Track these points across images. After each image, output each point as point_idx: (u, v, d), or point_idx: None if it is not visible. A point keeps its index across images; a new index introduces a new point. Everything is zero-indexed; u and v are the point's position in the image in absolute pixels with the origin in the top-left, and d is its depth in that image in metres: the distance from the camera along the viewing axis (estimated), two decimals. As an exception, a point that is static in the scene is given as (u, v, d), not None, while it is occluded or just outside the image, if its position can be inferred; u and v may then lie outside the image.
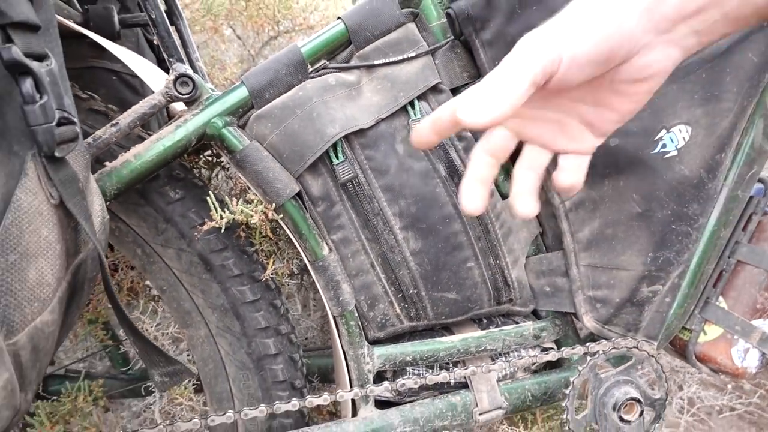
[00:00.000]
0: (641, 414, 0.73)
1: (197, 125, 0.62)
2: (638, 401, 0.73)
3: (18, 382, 0.38)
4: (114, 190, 0.60)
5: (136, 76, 0.85)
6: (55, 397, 0.80)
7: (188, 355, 0.93)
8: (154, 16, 0.57)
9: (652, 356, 0.74)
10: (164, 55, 0.59)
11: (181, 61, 0.59)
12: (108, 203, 0.59)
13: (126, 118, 0.58)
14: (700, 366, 0.81)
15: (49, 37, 0.42)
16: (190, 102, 0.62)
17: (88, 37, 0.67)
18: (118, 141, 0.60)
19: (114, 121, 0.57)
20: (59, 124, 0.41)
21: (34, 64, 0.38)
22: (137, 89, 0.86)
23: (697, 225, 0.72)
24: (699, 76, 0.68)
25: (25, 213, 0.38)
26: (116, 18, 0.76)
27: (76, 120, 0.43)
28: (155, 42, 0.91)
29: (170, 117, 0.82)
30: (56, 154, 0.42)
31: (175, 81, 0.59)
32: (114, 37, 0.76)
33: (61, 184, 0.43)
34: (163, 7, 0.78)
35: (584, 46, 0.34)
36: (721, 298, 0.78)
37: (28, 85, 0.38)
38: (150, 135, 0.66)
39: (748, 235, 0.77)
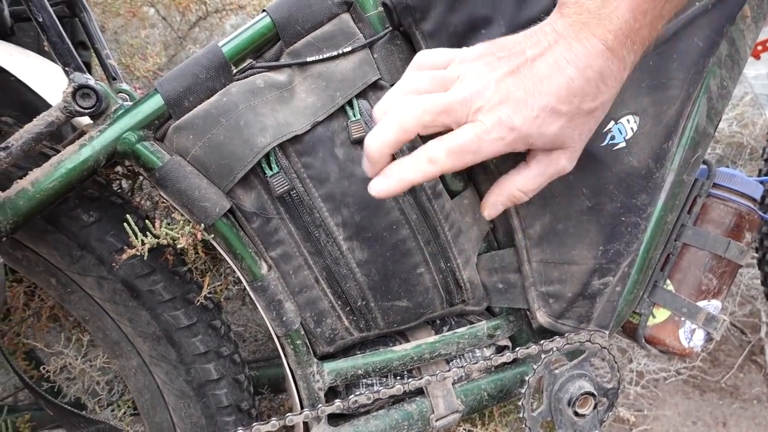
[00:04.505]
0: (595, 407, 0.73)
1: (105, 142, 0.54)
2: (592, 395, 0.73)
3: None
4: (10, 224, 0.52)
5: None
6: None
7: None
8: (41, 20, 0.48)
9: (605, 348, 0.74)
10: (59, 64, 0.51)
11: (79, 69, 0.51)
12: (3, 239, 0.52)
13: (18, 140, 0.49)
14: (649, 348, 0.81)
15: None
16: (96, 116, 0.54)
17: None
18: (16, 163, 0.52)
19: (3, 145, 0.49)
20: None
21: None
22: (42, 90, 0.76)
23: (646, 215, 0.71)
24: (646, 64, 0.65)
25: None
26: (7, 11, 0.66)
27: None
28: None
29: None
30: None
31: (74, 93, 0.51)
32: (7, 34, 0.67)
33: None
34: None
35: None
36: (668, 281, 0.78)
37: None
38: (59, 150, 0.58)
39: (693, 217, 0.77)
